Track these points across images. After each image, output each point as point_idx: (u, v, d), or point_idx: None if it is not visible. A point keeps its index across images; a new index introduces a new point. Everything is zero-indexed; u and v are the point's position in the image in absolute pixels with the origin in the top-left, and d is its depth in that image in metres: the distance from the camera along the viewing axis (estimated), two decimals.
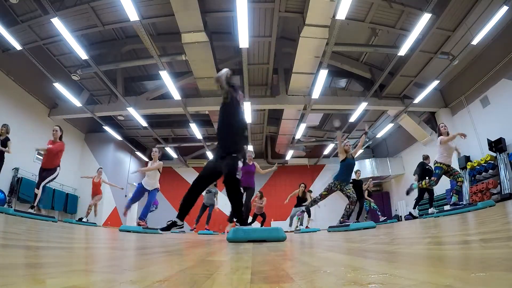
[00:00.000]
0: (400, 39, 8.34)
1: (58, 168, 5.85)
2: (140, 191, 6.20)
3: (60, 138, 5.83)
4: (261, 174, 6.59)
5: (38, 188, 5.67)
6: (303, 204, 8.65)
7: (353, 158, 5.81)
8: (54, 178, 5.81)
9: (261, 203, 8.84)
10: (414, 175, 7.51)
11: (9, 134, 6.34)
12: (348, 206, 5.50)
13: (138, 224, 6.05)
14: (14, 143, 5.99)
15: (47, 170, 5.72)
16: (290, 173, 15.77)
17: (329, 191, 5.64)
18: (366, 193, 9.06)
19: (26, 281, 0.53)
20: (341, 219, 5.59)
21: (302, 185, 8.98)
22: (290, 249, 1.77)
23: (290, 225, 9.20)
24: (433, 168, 5.82)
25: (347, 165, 5.62)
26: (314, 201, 6.05)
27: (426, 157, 7.45)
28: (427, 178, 6.45)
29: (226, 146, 2.96)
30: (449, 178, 5.76)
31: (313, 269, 0.80)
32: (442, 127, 5.70)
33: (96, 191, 8.52)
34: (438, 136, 5.69)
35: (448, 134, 5.60)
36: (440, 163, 5.54)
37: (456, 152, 5.83)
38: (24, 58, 8.10)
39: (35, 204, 5.64)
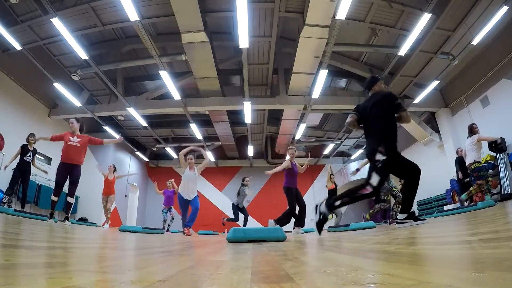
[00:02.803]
0: (400, 39, 8.34)
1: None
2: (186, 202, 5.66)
3: (81, 131, 5.42)
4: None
5: (72, 197, 5.31)
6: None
7: None
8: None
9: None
10: (457, 172, 7.52)
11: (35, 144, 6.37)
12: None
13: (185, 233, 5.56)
14: (14, 143, 6.00)
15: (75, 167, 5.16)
16: None
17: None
18: None
19: (26, 281, 0.53)
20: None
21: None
22: (290, 249, 1.77)
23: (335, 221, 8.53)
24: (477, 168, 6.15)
25: None
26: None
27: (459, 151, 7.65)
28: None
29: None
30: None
31: (313, 269, 0.80)
32: (475, 127, 6.27)
33: (109, 190, 8.12)
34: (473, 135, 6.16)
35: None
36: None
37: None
38: (24, 58, 8.10)
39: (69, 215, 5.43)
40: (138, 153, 15.20)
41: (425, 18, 6.56)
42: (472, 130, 6.18)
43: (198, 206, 5.58)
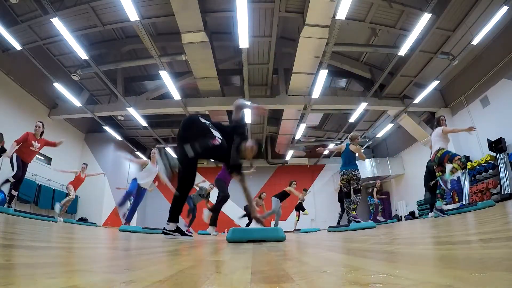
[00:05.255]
0: (400, 39, 8.34)
1: None
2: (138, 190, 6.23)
3: (42, 134, 5.90)
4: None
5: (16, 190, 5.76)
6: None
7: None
8: None
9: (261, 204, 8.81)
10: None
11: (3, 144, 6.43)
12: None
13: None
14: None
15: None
16: (290, 173, 15.79)
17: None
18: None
19: (26, 281, 0.53)
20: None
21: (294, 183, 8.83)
22: (290, 249, 1.77)
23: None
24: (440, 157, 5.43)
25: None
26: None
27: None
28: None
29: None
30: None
31: (313, 269, 0.80)
32: (442, 119, 5.60)
33: (77, 187, 8.20)
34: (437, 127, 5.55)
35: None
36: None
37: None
38: (24, 58, 8.10)
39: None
40: (138, 153, 15.20)
41: (425, 18, 6.56)
42: (438, 122, 5.64)
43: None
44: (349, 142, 5.77)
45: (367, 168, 14.13)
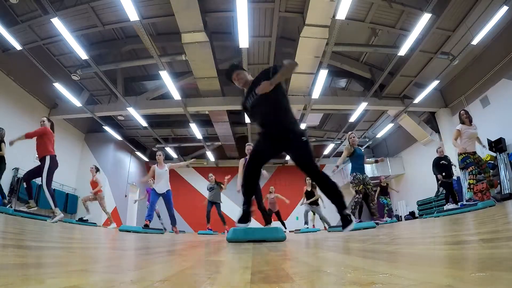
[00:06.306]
0: (400, 39, 8.34)
1: (48, 157, 5.31)
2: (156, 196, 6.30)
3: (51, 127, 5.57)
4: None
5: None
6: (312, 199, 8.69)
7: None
8: (48, 170, 5.30)
9: (273, 198, 8.94)
10: (435, 174, 7.12)
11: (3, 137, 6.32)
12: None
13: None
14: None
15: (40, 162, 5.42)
16: (290, 173, 15.80)
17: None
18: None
19: (26, 281, 0.53)
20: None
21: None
22: (290, 249, 1.77)
23: (306, 222, 9.12)
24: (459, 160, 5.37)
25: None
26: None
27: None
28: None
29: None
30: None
31: (313, 269, 0.80)
32: (462, 114, 5.39)
33: (97, 190, 8.14)
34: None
35: (470, 123, 5.36)
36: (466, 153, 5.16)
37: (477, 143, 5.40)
38: (24, 58, 8.09)
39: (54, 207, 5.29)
40: (138, 153, 15.20)
41: (425, 18, 6.56)
42: (460, 117, 5.41)
43: (171, 199, 6.43)
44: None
45: (367, 168, 14.06)
